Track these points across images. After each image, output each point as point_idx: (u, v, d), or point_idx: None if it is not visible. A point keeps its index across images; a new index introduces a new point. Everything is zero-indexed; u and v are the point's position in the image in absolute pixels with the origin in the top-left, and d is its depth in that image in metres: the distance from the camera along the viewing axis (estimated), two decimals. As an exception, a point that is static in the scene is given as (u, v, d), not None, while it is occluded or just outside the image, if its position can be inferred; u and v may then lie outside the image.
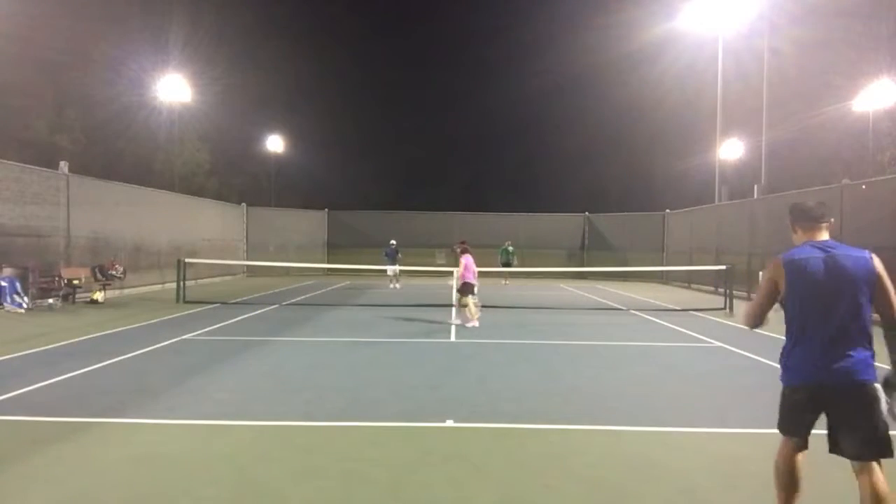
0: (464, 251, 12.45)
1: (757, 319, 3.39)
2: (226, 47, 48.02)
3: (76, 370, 7.46)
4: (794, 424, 3.25)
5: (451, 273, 23.26)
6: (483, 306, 16.14)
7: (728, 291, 15.38)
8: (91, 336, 10.22)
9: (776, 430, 3.24)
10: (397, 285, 22.60)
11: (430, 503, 3.91)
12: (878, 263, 3.22)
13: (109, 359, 8.19)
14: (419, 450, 4.84)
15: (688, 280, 24.58)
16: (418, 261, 31.52)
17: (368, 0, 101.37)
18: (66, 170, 15.99)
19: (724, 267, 17.11)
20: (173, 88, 33.58)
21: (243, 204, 29.66)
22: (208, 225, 25.26)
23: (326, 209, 32.27)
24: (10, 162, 15.11)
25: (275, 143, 47.04)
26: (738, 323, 13.13)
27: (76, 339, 9.81)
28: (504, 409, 5.97)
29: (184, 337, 10.21)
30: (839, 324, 3.13)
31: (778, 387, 3.29)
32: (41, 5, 32.80)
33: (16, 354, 8.45)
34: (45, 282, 14.53)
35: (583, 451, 4.83)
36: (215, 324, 11.87)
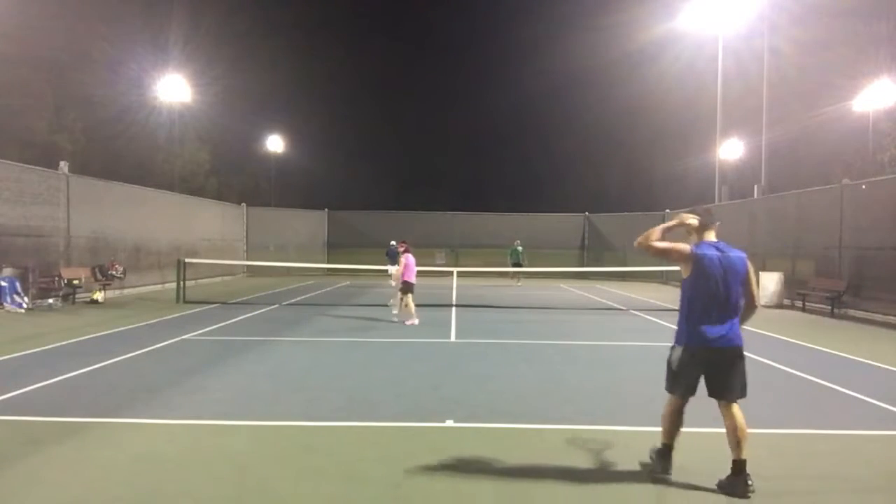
0: (405, 251, 12.63)
1: (653, 240, 4.28)
2: (226, 47, 48.15)
3: (76, 370, 7.45)
4: (684, 385, 4.28)
5: (451, 273, 23.44)
6: (483, 306, 16.17)
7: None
8: (91, 336, 10.22)
9: (776, 430, 3.29)
10: (394, 283, 22.80)
11: (430, 503, 3.91)
12: (748, 261, 4.30)
13: (109, 359, 8.19)
14: (419, 450, 4.84)
15: (688, 280, 24.54)
16: (418, 261, 31.47)
17: (368, 0, 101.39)
18: (66, 170, 15.98)
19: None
20: (173, 88, 33.60)
21: (243, 204, 29.65)
22: (208, 225, 25.26)
23: (326, 209, 32.27)
24: (10, 162, 15.09)
25: (275, 143, 47.07)
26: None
27: (76, 339, 9.81)
28: (504, 409, 5.97)
29: (184, 337, 10.21)
30: (727, 305, 4.19)
31: (778, 385, 3.32)
32: (41, 5, 32.80)
33: (16, 354, 8.45)
34: (45, 282, 14.52)
35: (583, 451, 4.83)
36: (215, 324, 11.87)
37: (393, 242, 24.23)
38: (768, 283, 17.09)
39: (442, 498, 3.96)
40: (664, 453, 4.33)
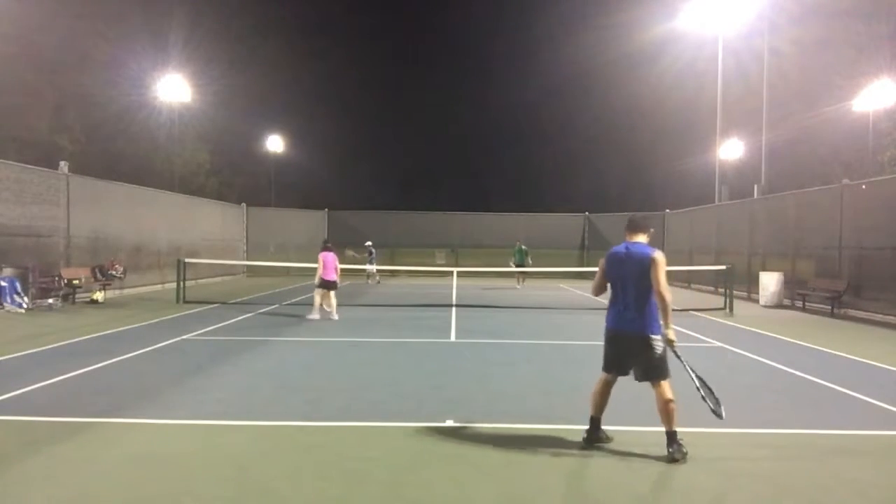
0: (323, 249, 12.99)
1: (599, 291, 5.24)
2: (226, 47, 48.16)
3: (76, 370, 7.46)
4: (610, 363, 4.96)
5: (451, 273, 23.51)
6: (483, 306, 16.16)
7: (728, 291, 15.38)
8: (91, 336, 10.22)
9: (776, 430, 3.25)
10: (370, 281, 25.07)
11: (430, 503, 3.91)
12: (656, 257, 4.75)
13: (109, 359, 8.19)
14: (419, 450, 4.85)
15: (688, 280, 24.58)
16: (418, 261, 31.55)
17: (368, 0, 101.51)
18: (66, 170, 15.97)
19: (724, 267, 17.11)
20: (173, 88, 33.57)
21: (243, 204, 29.63)
22: (208, 225, 25.25)
23: (326, 209, 32.26)
24: (10, 162, 15.08)
25: (275, 143, 47.02)
26: (736, 322, 13.13)
27: (76, 339, 9.81)
28: (504, 409, 5.97)
29: (184, 337, 10.21)
30: (630, 296, 4.79)
31: (778, 385, 3.32)
32: (41, 5, 32.80)
33: (16, 354, 8.45)
34: (45, 282, 14.52)
35: (582, 451, 4.83)
36: (215, 324, 11.87)
37: (368, 243, 25.15)
38: (768, 283, 17.09)
39: (442, 498, 3.96)
40: (593, 425, 4.94)
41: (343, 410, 5.92)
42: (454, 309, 15.14)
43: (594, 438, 4.93)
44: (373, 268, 24.20)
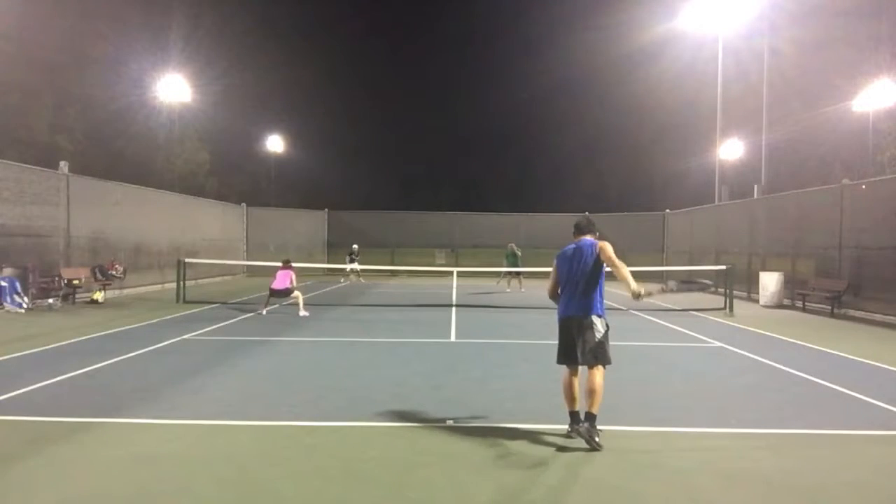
0: (282, 268, 13.89)
1: (554, 291, 5.43)
2: (226, 47, 48.19)
3: (76, 370, 7.45)
4: (561, 353, 5.22)
5: (451, 273, 23.53)
6: (483, 306, 16.16)
7: (728, 291, 15.37)
8: (91, 336, 10.22)
9: (776, 430, 3.24)
10: (343, 280, 25.47)
11: (430, 503, 3.91)
12: (601, 244, 5.15)
13: (109, 359, 8.19)
14: (420, 450, 4.84)
15: (688, 280, 24.54)
16: (418, 261, 31.54)
17: (368, 1, 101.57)
18: (66, 170, 15.97)
19: (724, 267, 17.10)
20: (173, 88, 33.57)
21: (243, 204, 29.63)
22: (208, 225, 25.25)
23: (326, 209, 32.26)
24: (10, 162, 15.08)
25: (275, 143, 47.01)
26: (736, 322, 13.13)
27: (76, 339, 9.81)
28: (504, 409, 5.97)
29: (184, 337, 10.21)
30: (577, 284, 5.15)
31: (778, 385, 3.33)
32: (41, 5, 32.80)
33: (16, 354, 8.45)
34: (45, 282, 14.52)
35: (582, 451, 4.82)
36: (215, 324, 11.87)
37: (355, 246, 25.76)
38: (768, 283, 17.09)
39: (442, 498, 3.96)
40: (573, 419, 5.11)
41: (343, 410, 5.92)
42: (454, 309, 15.14)
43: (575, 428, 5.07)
44: (356, 267, 24.81)
